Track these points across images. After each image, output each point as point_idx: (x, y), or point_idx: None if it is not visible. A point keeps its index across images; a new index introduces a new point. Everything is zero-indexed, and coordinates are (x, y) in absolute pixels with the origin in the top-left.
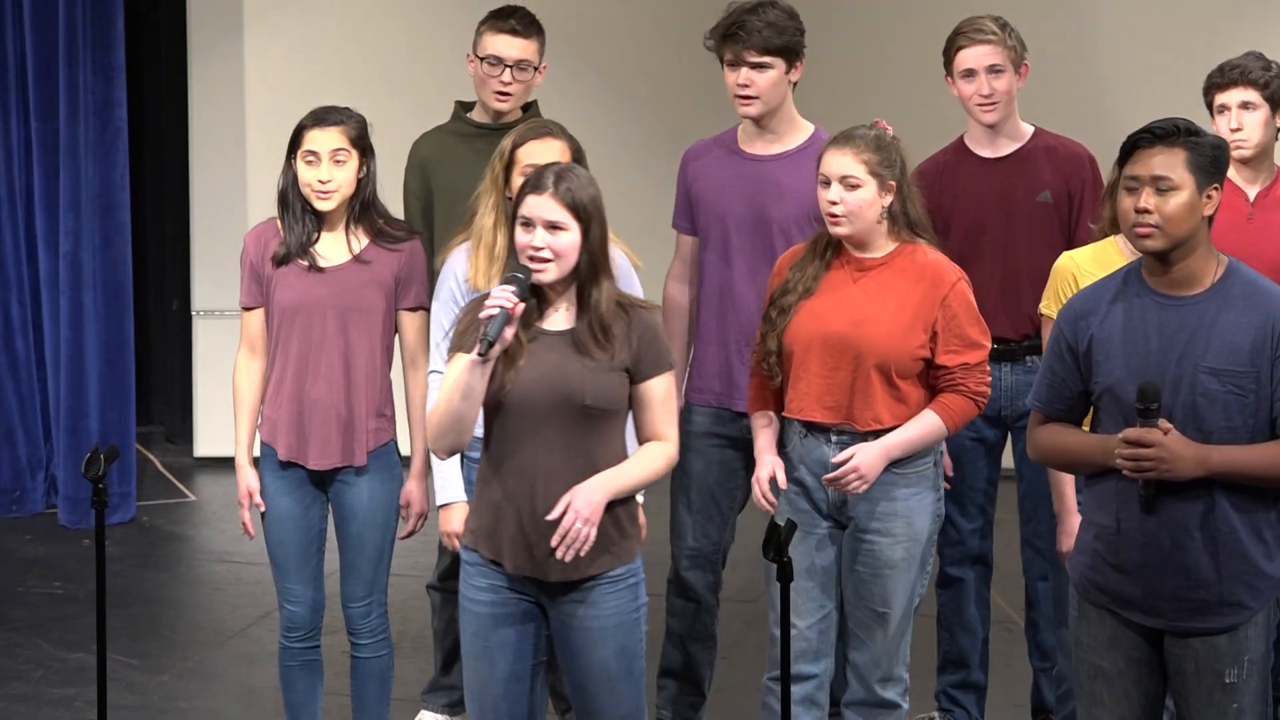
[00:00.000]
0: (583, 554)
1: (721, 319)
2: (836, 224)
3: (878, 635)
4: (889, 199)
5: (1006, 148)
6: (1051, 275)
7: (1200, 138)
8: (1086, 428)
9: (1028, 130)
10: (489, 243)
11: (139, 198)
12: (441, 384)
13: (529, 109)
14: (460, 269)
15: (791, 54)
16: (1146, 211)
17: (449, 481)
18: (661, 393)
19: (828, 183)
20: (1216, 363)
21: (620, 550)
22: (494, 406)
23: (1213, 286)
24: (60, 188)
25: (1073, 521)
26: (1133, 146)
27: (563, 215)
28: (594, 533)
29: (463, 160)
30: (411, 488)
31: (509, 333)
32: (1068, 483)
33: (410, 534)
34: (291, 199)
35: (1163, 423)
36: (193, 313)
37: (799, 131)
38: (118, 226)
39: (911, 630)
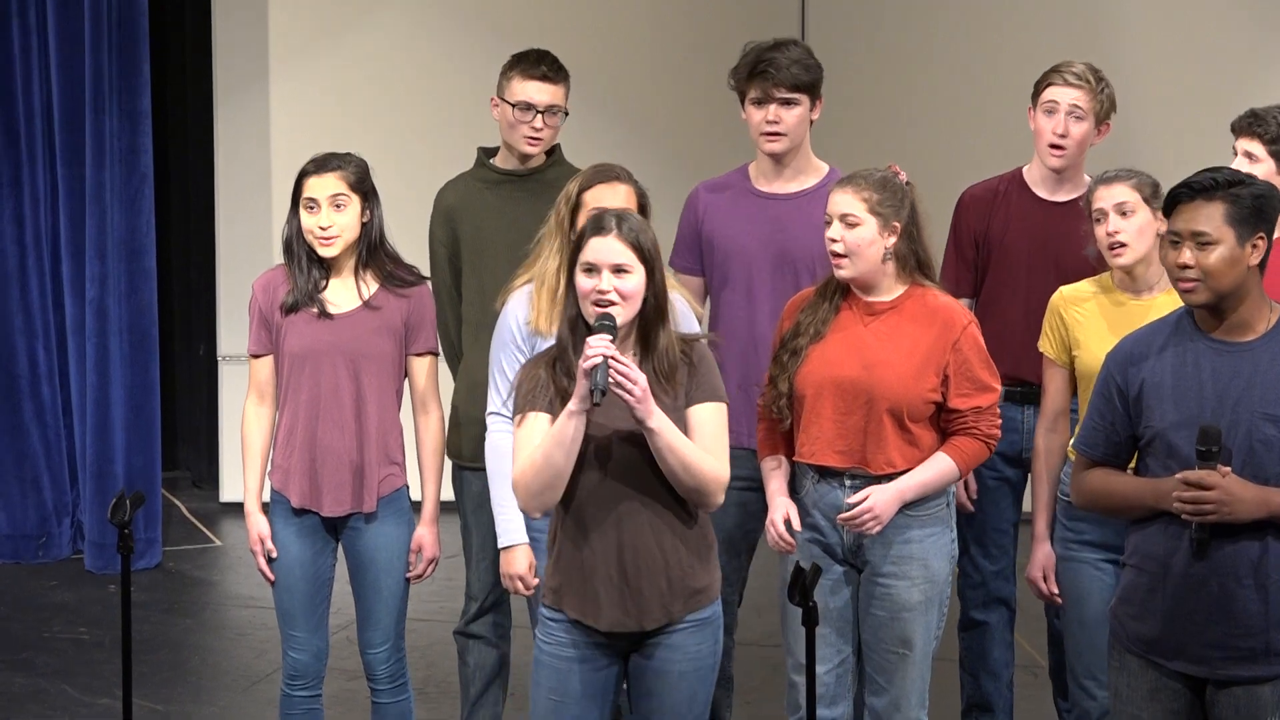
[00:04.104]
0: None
1: (744, 359)
2: (838, 264)
3: (897, 678)
4: (892, 240)
5: (1064, 195)
6: (1046, 311)
7: (1240, 188)
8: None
9: (1088, 182)
10: (552, 286)
11: (165, 243)
12: (522, 446)
13: (553, 153)
14: (521, 312)
15: (815, 91)
16: (1188, 267)
17: (511, 524)
18: (713, 420)
19: (830, 221)
20: (1276, 409)
21: (705, 588)
22: None
23: (1268, 333)
24: (86, 234)
25: (1040, 549)
26: (1173, 201)
27: (629, 257)
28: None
29: (488, 207)
30: (423, 533)
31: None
32: (1043, 509)
33: (419, 578)
34: (297, 248)
35: (1221, 466)
36: (218, 358)
37: (816, 169)
38: (144, 272)
39: (930, 672)
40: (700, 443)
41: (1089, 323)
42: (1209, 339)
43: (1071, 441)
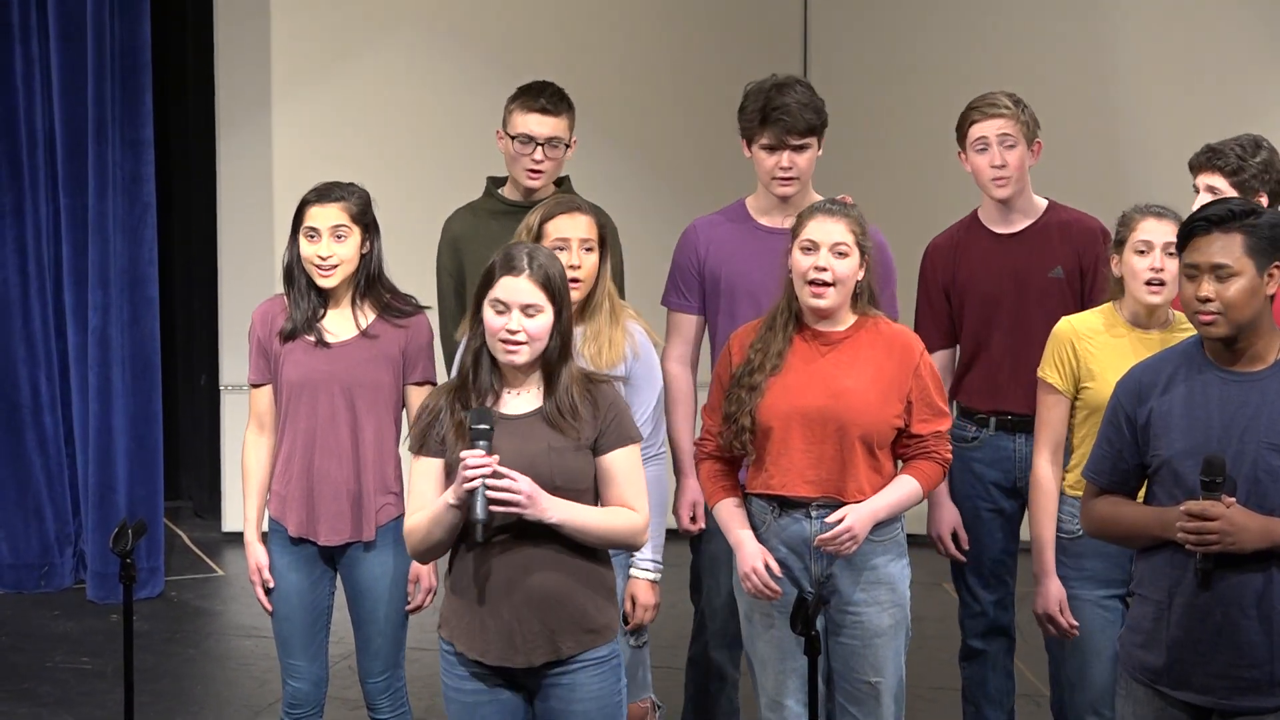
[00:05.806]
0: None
1: None
2: (821, 293)
3: (872, 707)
4: (863, 272)
5: (1020, 223)
6: (1050, 340)
7: (1257, 218)
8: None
9: (1041, 205)
10: None
11: (167, 272)
12: (414, 492)
13: (562, 184)
14: None
15: (823, 130)
16: (1208, 299)
17: None
18: (626, 464)
19: (813, 248)
20: None
21: (601, 629)
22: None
23: (1277, 363)
24: (89, 263)
25: (1050, 584)
26: (1189, 234)
27: (539, 297)
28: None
29: (495, 237)
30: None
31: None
32: (1047, 545)
33: (417, 609)
34: (296, 275)
35: (1225, 497)
36: (221, 387)
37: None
38: (146, 301)
39: (905, 699)
40: (615, 491)
41: (1103, 355)
42: (1218, 369)
43: (1080, 469)
